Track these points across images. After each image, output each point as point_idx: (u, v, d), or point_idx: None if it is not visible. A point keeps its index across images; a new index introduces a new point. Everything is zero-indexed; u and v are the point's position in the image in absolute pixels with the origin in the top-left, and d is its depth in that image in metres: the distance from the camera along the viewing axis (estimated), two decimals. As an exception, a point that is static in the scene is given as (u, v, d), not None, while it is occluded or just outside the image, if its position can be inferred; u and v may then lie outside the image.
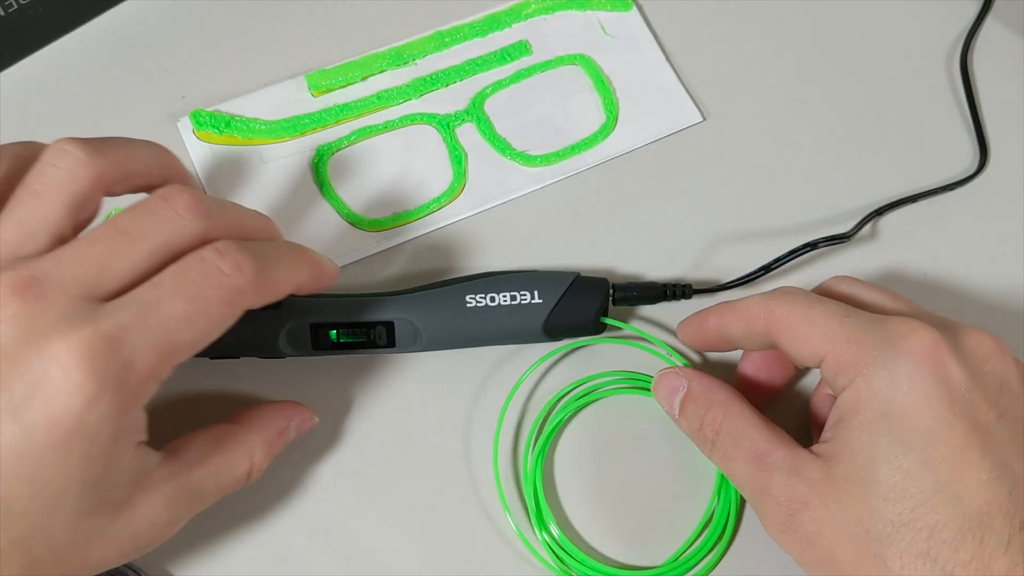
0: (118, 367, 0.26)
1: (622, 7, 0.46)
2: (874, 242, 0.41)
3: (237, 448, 0.33)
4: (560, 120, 0.44)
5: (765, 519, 0.31)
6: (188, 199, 0.29)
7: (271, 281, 0.30)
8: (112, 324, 0.27)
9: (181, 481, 0.30)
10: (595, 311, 0.37)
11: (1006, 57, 0.46)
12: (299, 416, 0.35)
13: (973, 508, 0.27)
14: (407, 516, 0.36)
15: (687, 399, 0.34)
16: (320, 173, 0.42)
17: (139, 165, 0.31)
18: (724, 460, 0.32)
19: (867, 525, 0.28)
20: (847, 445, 0.29)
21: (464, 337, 0.37)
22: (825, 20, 0.47)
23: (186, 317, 0.28)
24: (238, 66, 0.45)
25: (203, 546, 0.35)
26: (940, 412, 0.28)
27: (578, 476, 0.37)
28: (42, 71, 0.44)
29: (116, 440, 0.27)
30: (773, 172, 0.43)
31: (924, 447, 0.28)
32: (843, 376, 0.30)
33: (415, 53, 0.45)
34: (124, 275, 0.28)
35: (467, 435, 0.37)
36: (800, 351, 0.32)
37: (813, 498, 0.29)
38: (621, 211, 0.42)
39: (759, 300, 0.33)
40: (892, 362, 0.29)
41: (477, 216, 0.42)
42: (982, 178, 0.43)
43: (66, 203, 0.29)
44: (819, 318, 0.31)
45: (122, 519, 0.28)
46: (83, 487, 0.27)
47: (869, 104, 0.45)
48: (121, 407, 0.27)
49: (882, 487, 0.28)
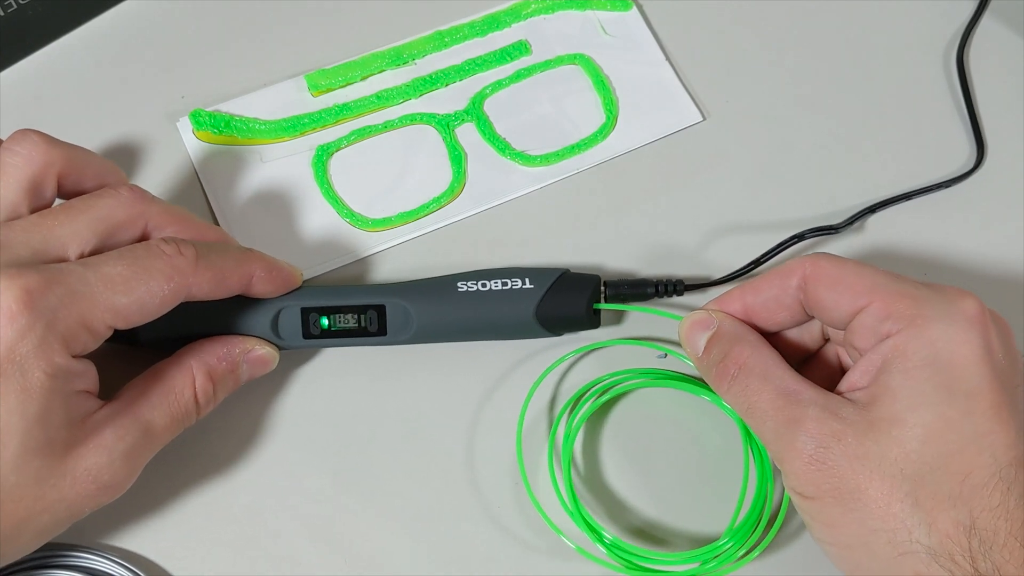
0: (51, 305, 0.29)
1: (622, 7, 0.46)
2: (869, 237, 0.42)
3: (176, 374, 0.34)
4: (560, 120, 0.44)
5: (788, 452, 0.31)
6: (133, 188, 0.33)
7: (214, 269, 0.33)
8: (52, 272, 0.29)
9: (126, 414, 0.32)
10: (587, 299, 0.37)
11: (1003, 54, 0.46)
12: (243, 344, 0.35)
13: (1005, 460, 0.29)
14: (408, 517, 0.36)
15: (714, 338, 0.34)
16: (320, 173, 0.42)
17: (93, 167, 0.34)
18: (746, 393, 0.32)
19: (902, 465, 0.29)
20: (889, 388, 0.30)
21: (456, 324, 0.36)
22: (824, 19, 0.47)
23: (124, 280, 0.30)
24: (238, 66, 0.45)
25: (203, 546, 0.35)
26: (984, 370, 0.29)
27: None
28: (42, 71, 0.44)
29: (52, 378, 0.29)
30: (773, 171, 0.43)
31: (967, 398, 0.29)
32: (892, 323, 0.31)
33: (415, 53, 0.45)
34: (68, 243, 0.31)
35: (470, 435, 0.37)
36: (842, 298, 0.32)
37: (848, 435, 0.30)
38: (621, 211, 0.42)
39: (797, 259, 0.34)
40: (949, 317, 0.30)
41: (477, 216, 0.42)
42: (978, 175, 0.43)
43: (21, 183, 0.32)
44: (868, 271, 0.32)
45: (73, 457, 0.30)
46: (25, 422, 0.28)
47: (868, 103, 0.45)
48: (51, 344, 0.28)
49: (923, 430, 0.29)
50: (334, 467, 0.37)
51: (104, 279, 0.30)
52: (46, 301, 0.28)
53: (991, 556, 0.28)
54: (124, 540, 0.35)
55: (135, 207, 0.33)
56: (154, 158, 0.42)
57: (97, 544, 0.35)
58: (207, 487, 0.36)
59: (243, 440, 0.37)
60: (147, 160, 0.42)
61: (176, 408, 0.33)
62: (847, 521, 0.30)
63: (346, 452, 0.37)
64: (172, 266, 0.31)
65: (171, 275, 0.31)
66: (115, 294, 0.30)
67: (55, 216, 0.31)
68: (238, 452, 0.37)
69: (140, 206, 0.33)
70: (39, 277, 0.29)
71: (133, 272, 0.30)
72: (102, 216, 0.32)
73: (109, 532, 0.35)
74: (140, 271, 0.31)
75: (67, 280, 0.29)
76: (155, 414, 0.32)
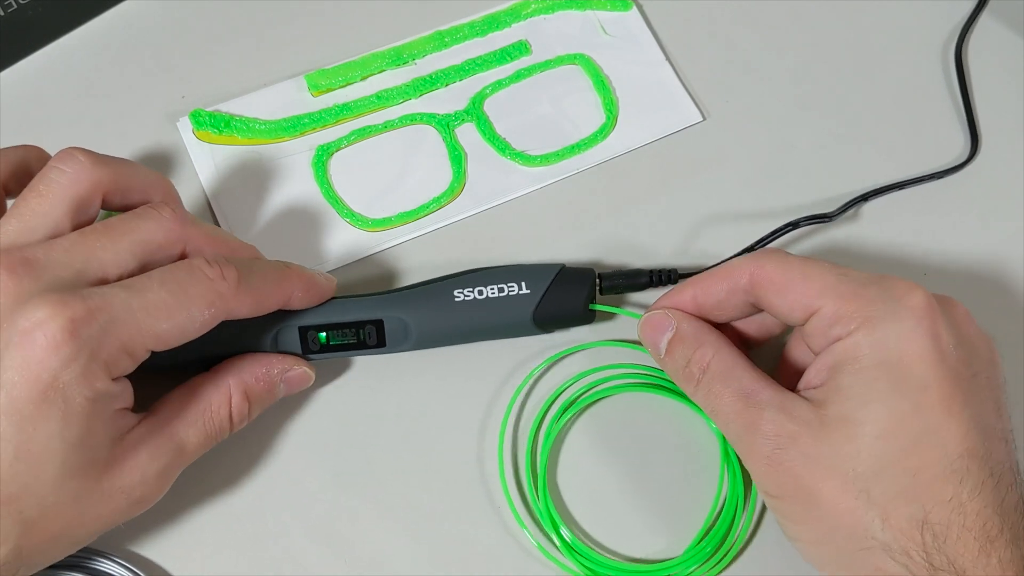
0: (94, 334, 0.29)
1: (622, 7, 0.46)
2: (860, 225, 0.42)
3: (212, 392, 0.34)
4: (560, 120, 0.44)
5: (750, 454, 0.32)
6: (173, 209, 0.33)
7: (254, 292, 0.33)
8: (95, 299, 0.29)
9: (161, 432, 0.32)
10: (583, 299, 0.37)
11: (1000, 52, 0.46)
12: (281, 364, 0.35)
13: (955, 453, 0.29)
14: (412, 519, 0.36)
15: (675, 340, 0.34)
16: (320, 173, 0.42)
17: (138, 182, 0.34)
18: (709, 397, 0.33)
19: (855, 463, 0.29)
20: (841, 388, 0.30)
21: (455, 332, 0.37)
22: (825, 19, 0.47)
23: (166, 307, 0.30)
24: (238, 66, 0.45)
25: (205, 547, 0.35)
26: (933, 364, 0.30)
27: (586, 473, 0.37)
28: (42, 71, 0.44)
29: (93, 402, 0.29)
30: (774, 171, 0.43)
31: (917, 393, 0.29)
32: (841, 326, 0.31)
33: (415, 53, 0.45)
34: (108, 265, 0.31)
35: (470, 436, 0.37)
36: (791, 304, 0.32)
37: (803, 435, 0.30)
38: (621, 211, 0.42)
39: (744, 259, 0.34)
40: (895, 315, 0.30)
41: (477, 216, 0.42)
42: (971, 167, 0.43)
43: (66, 203, 0.32)
44: (815, 272, 0.32)
45: (109, 477, 0.30)
46: (65, 446, 0.29)
47: (869, 100, 0.45)
48: (94, 371, 0.29)
49: (874, 427, 0.29)
50: (335, 468, 0.37)
51: (147, 306, 0.30)
52: (90, 330, 0.28)
53: (945, 550, 0.28)
54: (126, 541, 0.35)
55: (175, 230, 0.33)
56: (154, 158, 0.42)
57: (100, 545, 0.35)
58: (210, 488, 0.36)
59: (245, 441, 0.37)
60: (147, 160, 0.42)
61: (210, 427, 0.33)
62: (810, 519, 0.30)
63: (347, 452, 0.37)
64: (214, 291, 0.31)
65: (213, 300, 0.31)
66: (157, 320, 0.30)
67: (97, 237, 0.31)
68: (240, 453, 0.37)
69: (180, 229, 0.33)
70: (83, 305, 0.29)
71: (176, 300, 0.30)
72: (143, 239, 0.32)
73: (112, 533, 0.35)
74: (183, 297, 0.31)
75: (111, 307, 0.29)
76: (189, 432, 0.33)
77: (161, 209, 0.33)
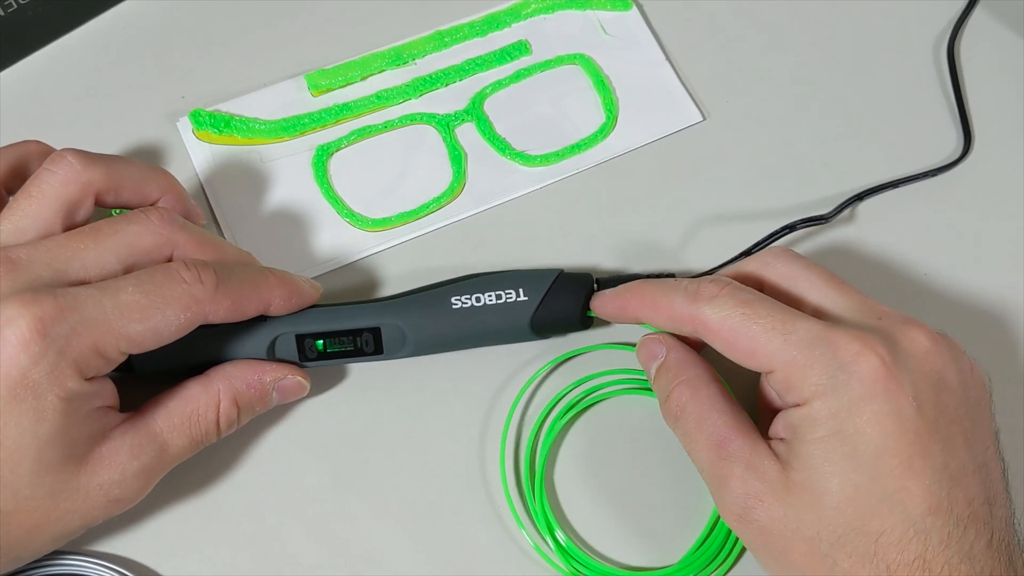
0: (63, 332, 0.29)
1: (622, 7, 0.46)
2: (856, 226, 0.42)
3: (201, 396, 0.33)
4: (560, 120, 0.44)
5: (721, 508, 0.32)
6: (163, 212, 0.33)
7: (233, 297, 0.32)
8: (67, 298, 0.29)
9: (144, 432, 0.32)
10: (580, 305, 0.37)
11: (993, 48, 0.46)
12: (275, 372, 0.35)
13: (918, 513, 0.29)
14: (410, 520, 0.36)
15: (661, 369, 0.34)
16: (320, 173, 0.42)
17: (132, 180, 0.35)
18: (686, 439, 0.33)
19: (818, 528, 0.29)
20: (800, 456, 0.30)
21: (452, 339, 0.36)
22: (826, 19, 0.47)
23: (140, 308, 0.30)
24: (238, 66, 0.45)
25: (201, 549, 0.35)
26: (888, 429, 0.29)
27: (584, 478, 0.37)
28: (42, 71, 0.44)
29: (66, 401, 0.29)
30: (774, 170, 0.43)
31: (874, 461, 0.29)
32: (793, 395, 0.31)
33: (415, 53, 0.45)
34: (90, 266, 0.31)
35: (470, 438, 0.37)
36: (742, 361, 0.32)
37: (768, 496, 0.30)
38: (621, 211, 0.42)
39: (685, 301, 0.33)
40: (844, 387, 0.30)
41: (477, 216, 0.42)
42: (964, 165, 0.43)
43: (55, 205, 0.32)
44: (759, 334, 0.31)
45: (86, 472, 0.30)
46: (39, 442, 0.29)
47: (863, 100, 0.45)
48: (63, 370, 0.29)
49: (834, 498, 0.29)
50: (334, 467, 0.37)
51: (119, 306, 0.30)
52: (58, 329, 0.29)
53: None
54: (121, 544, 0.35)
55: (162, 234, 0.33)
56: (154, 158, 0.42)
57: (89, 550, 0.35)
58: (205, 488, 0.36)
59: (242, 440, 0.37)
60: (147, 160, 0.42)
61: (196, 431, 0.33)
62: (784, 571, 0.31)
63: (346, 452, 0.37)
64: (190, 294, 0.31)
65: (188, 304, 0.31)
66: (130, 322, 0.30)
67: (82, 239, 0.31)
68: (237, 452, 0.37)
69: (167, 233, 0.33)
70: (54, 303, 0.29)
71: (150, 300, 0.30)
72: (128, 242, 0.32)
73: (104, 536, 0.35)
74: (157, 299, 0.31)
75: (81, 307, 0.29)
76: (174, 435, 0.33)
77: (150, 213, 0.33)
